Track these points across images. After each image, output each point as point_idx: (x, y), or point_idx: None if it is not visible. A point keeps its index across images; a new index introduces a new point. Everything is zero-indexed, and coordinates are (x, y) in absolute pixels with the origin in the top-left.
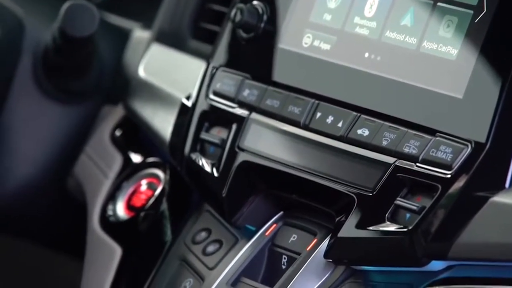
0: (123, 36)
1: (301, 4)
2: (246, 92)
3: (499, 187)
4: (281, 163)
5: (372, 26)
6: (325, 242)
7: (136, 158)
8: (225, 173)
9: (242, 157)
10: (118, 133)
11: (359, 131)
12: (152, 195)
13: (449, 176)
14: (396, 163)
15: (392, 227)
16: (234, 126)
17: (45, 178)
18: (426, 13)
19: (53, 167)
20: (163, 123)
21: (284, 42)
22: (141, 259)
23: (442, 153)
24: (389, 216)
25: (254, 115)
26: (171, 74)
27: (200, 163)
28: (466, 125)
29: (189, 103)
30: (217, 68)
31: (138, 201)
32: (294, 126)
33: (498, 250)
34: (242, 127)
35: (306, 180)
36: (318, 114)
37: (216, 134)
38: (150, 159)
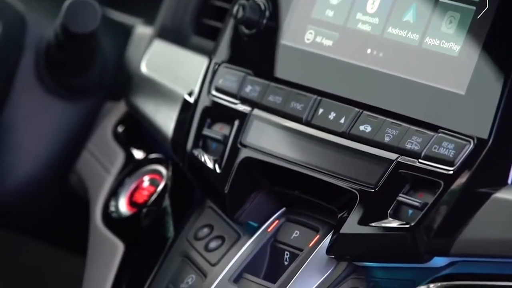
0: (125, 32)
1: (303, 0)
2: (248, 88)
3: (501, 183)
4: (283, 159)
5: (375, 22)
6: (328, 238)
7: (138, 154)
8: (228, 169)
9: (244, 153)
10: (120, 129)
11: (362, 127)
12: (155, 191)
13: (451, 172)
14: (398, 159)
15: (394, 224)
16: (236, 122)
17: (47, 175)
18: (428, 9)
19: (55, 163)
20: (165, 119)
21: (286, 38)
22: (143, 255)
23: (445, 149)
24: (392, 213)
25: (256, 111)
26: (173, 70)
27: (203, 159)
28: (468, 121)
29: (191, 99)
30: (219, 64)
31: (140, 197)
32: (296, 122)
33: (500, 246)
34: (244, 123)
35: (308, 176)
36: (320, 110)
37: (218, 130)
38: (153, 156)
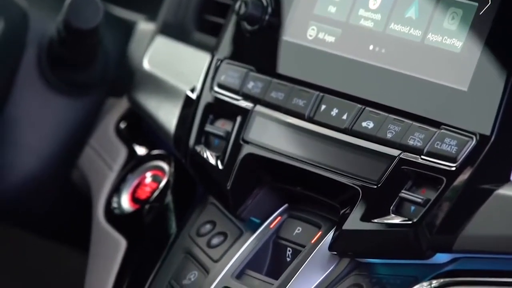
0: (128, 29)
1: None
2: (250, 85)
3: (504, 179)
4: (286, 155)
5: (377, 18)
6: (330, 235)
7: (140, 150)
8: (230, 165)
9: (246, 149)
10: (122, 125)
11: (364, 124)
12: (157, 188)
13: (453, 168)
14: (400, 156)
15: (397, 220)
16: (239, 119)
17: (50, 171)
18: (430, 5)
19: (58, 159)
20: (168, 115)
21: (288, 35)
22: (145, 251)
23: (447, 145)
24: (394, 209)
25: (259, 108)
26: (175, 67)
27: (205, 156)
28: (470, 117)
29: (193, 96)
30: (222, 61)
31: (142, 194)
32: (299, 118)
33: (503, 243)
34: (247, 120)
35: (310, 172)
36: (323, 107)
37: (221, 126)
38: (155, 152)
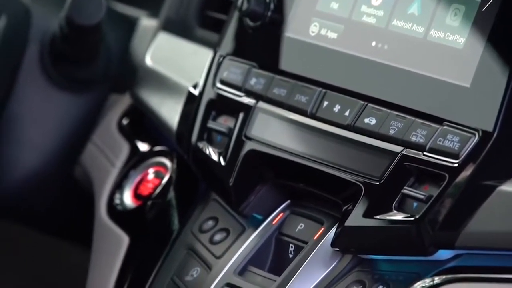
0: (130, 25)
1: None
2: (253, 81)
3: (506, 176)
4: (288, 152)
5: (379, 14)
6: (332, 231)
7: (143, 146)
8: (232, 162)
9: (249, 146)
10: (125, 121)
11: (366, 120)
12: (159, 184)
13: (456, 165)
14: (403, 152)
15: (399, 216)
16: (241, 115)
17: (52, 167)
18: (433, 1)
19: (60, 156)
20: (170, 111)
21: (291, 31)
22: (148, 247)
23: (449, 142)
24: (396, 205)
25: (261, 104)
26: (178, 63)
27: (207, 152)
28: (473, 114)
29: (196, 92)
30: (224, 57)
31: (145, 190)
32: (301, 115)
33: (505, 239)
34: (249, 116)
35: (313, 169)
36: (325, 103)
37: (223, 123)
38: (157, 148)
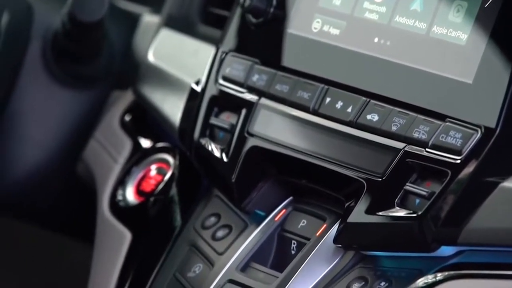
0: (133, 21)
1: None
2: (255, 77)
3: (509, 172)
4: (291, 148)
5: (382, 11)
6: (335, 228)
7: (145, 143)
8: (235, 158)
9: (251, 142)
10: (127, 118)
11: (369, 116)
12: (162, 180)
13: (458, 161)
14: (405, 149)
15: (401, 213)
16: (244, 111)
17: (55, 163)
18: None
19: (63, 152)
20: (173, 108)
21: (293, 27)
22: (150, 244)
23: (452, 138)
24: (399, 202)
25: (264, 100)
26: (180, 59)
27: (210, 148)
28: (476, 110)
29: (198, 88)
30: (227, 53)
31: (147, 186)
32: (304, 111)
33: (508, 235)
34: (252, 112)
35: (315, 165)
36: (328, 99)
37: (226, 119)
38: (160, 144)
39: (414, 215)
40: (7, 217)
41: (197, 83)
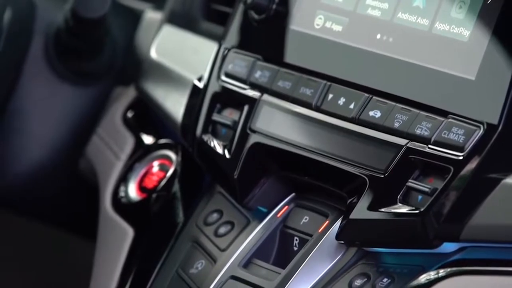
0: (135, 17)
1: None
2: (258, 74)
3: (511, 168)
4: (293, 144)
5: (384, 7)
6: (337, 224)
7: (148, 139)
8: (237, 154)
9: (253, 138)
10: (130, 114)
11: (371, 113)
12: (164, 177)
13: (461, 158)
14: (408, 145)
15: (404, 209)
16: (246, 108)
17: (57, 160)
18: None
19: (65, 148)
20: (175, 104)
21: (296, 24)
22: (153, 240)
23: (454, 134)
24: (401, 198)
25: (266, 97)
26: (183, 56)
27: (212, 145)
28: (478, 106)
29: (201, 85)
30: (229, 50)
31: (150, 183)
32: (306, 107)
33: (510, 232)
34: (254, 109)
35: (318, 162)
36: (330, 96)
37: (228, 115)
38: (162, 141)
39: (417, 211)
40: (10, 213)
41: (200, 79)
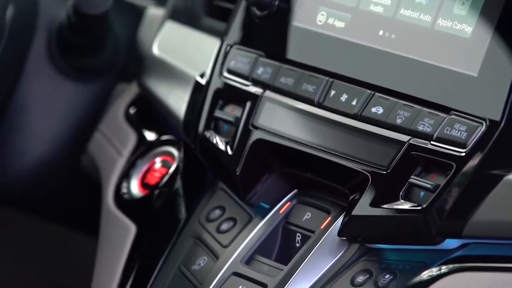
0: (137, 14)
1: None
2: (260, 70)
3: None
4: (295, 141)
5: (387, 3)
6: (339, 220)
7: (150, 136)
8: (239, 151)
9: (256, 135)
10: (132, 110)
11: (373, 109)
12: (166, 173)
13: (463, 154)
14: (410, 141)
15: (406, 205)
16: (248, 104)
17: (59, 156)
18: None
19: (68, 145)
20: (177, 101)
21: (298, 20)
22: (155, 236)
23: (457, 131)
24: (403, 194)
25: (268, 93)
26: (185, 52)
27: (214, 141)
28: (480, 103)
29: (203, 81)
30: (231, 46)
31: (152, 179)
32: (308, 104)
33: None
34: (256, 105)
35: (320, 158)
36: (332, 92)
37: (230, 112)
38: (164, 137)
39: (419, 208)
40: (12, 210)
41: (202, 76)
